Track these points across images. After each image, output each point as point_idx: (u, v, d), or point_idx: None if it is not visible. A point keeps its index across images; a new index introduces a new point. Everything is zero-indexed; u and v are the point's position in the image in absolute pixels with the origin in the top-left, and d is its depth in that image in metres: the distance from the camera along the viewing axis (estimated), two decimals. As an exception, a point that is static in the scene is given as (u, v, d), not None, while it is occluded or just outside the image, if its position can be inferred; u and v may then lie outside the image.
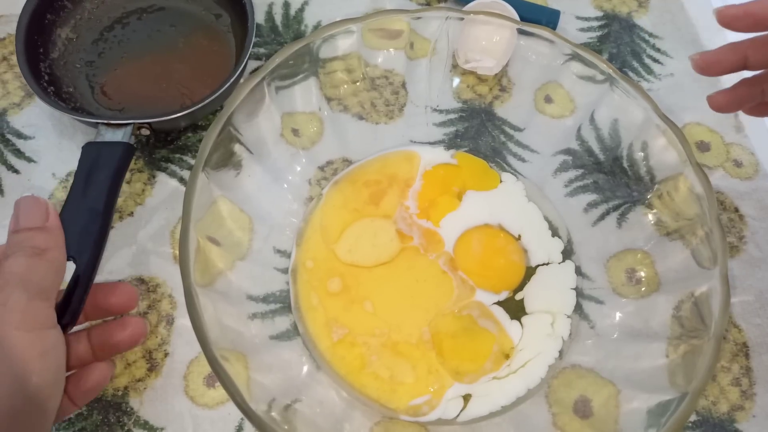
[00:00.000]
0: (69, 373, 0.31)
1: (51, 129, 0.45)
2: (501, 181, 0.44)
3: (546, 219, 0.43)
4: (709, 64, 0.35)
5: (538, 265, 0.41)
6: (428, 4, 0.53)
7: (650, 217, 0.40)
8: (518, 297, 0.39)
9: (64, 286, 0.32)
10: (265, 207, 0.40)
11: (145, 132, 0.41)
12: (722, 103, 0.37)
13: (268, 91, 0.39)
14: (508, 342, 0.38)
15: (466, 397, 0.36)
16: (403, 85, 0.46)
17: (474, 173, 0.44)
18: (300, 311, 0.39)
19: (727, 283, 0.32)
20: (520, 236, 0.42)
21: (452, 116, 0.46)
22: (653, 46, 0.52)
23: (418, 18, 0.41)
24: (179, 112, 0.41)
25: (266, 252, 0.40)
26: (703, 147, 0.47)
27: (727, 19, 0.34)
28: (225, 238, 0.37)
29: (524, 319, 0.39)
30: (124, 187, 0.43)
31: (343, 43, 0.42)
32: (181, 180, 0.44)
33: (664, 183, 0.39)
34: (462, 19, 0.42)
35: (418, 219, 0.41)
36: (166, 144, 0.45)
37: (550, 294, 0.40)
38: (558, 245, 0.42)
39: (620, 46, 0.51)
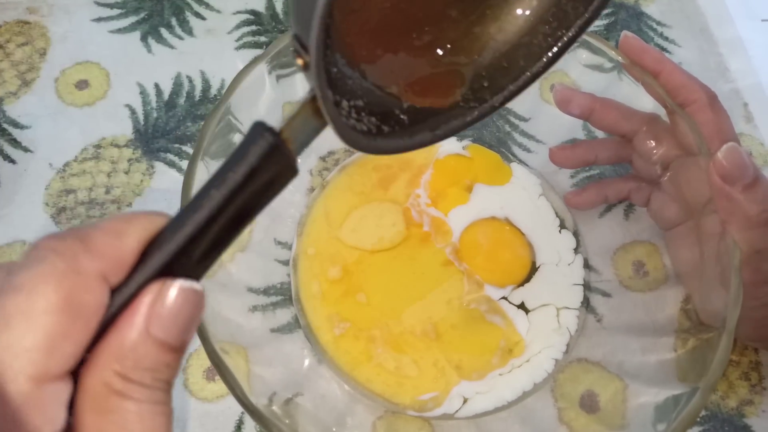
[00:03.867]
0: None
1: (47, 119, 0.44)
2: (512, 176, 0.43)
3: (554, 211, 0.42)
4: (566, 158, 0.40)
5: (546, 264, 0.40)
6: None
7: (658, 208, 0.39)
8: (517, 300, 0.39)
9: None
10: (265, 198, 0.40)
11: None
12: (574, 202, 0.41)
13: (268, 79, 0.38)
14: (515, 337, 0.37)
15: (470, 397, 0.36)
16: (407, 74, 0.45)
17: (486, 167, 0.43)
18: (301, 302, 0.38)
19: (738, 275, 0.31)
20: (527, 233, 0.41)
21: (456, 106, 0.45)
22: (661, 35, 0.51)
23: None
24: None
25: (267, 243, 0.39)
26: (712, 137, 0.46)
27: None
28: (225, 229, 0.36)
29: (531, 314, 0.38)
30: (123, 177, 0.42)
31: (345, 30, 0.41)
32: (180, 170, 0.43)
33: (673, 173, 0.38)
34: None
35: (428, 208, 0.41)
36: (165, 134, 0.44)
37: (556, 289, 0.39)
38: (568, 243, 0.41)
39: (627, 34, 0.51)
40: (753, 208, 0.30)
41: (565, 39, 0.24)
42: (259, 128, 0.16)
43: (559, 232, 0.41)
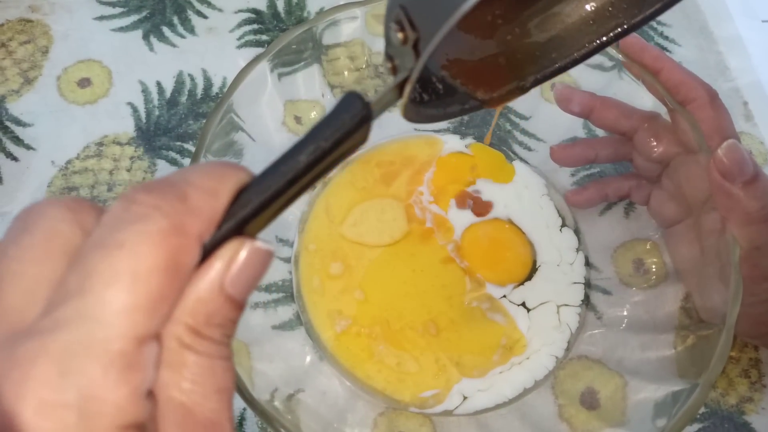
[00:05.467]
0: None
1: (49, 116, 0.45)
2: (515, 174, 0.43)
3: (556, 210, 0.42)
4: (566, 156, 0.40)
5: (547, 263, 0.40)
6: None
7: (658, 206, 0.39)
8: (517, 299, 0.39)
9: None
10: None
11: None
12: (575, 201, 0.41)
13: (270, 77, 0.38)
14: (516, 335, 0.37)
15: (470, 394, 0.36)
16: (408, 72, 0.45)
17: (488, 165, 0.43)
18: (302, 298, 0.38)
19: (738, 272, 0.32)
20: (528, 231, 0.41)
21: (457, 104, 0.45)
22: (661, 34, 0.51)
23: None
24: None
25: (268, 241, 0.39)
26: (712, 136, 0.46)
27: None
28: (226, 227, 0.36)
29: (532, 312, 0.38)
30: (125, 175, 0.43)
31: (346, 28, 0.41)
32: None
33: (673, 171, 0.38)
34: (468, 4, 0.41)
35: (430, 205, 0.41)
36: (167, 132, 0.44)
37: (557, 288, 0.39)
38: (569, 242, 0.41)
39: (628, 33, 0.51)
40: (752, 205, 0.30)
41: (596, 44, 0.24)
42: (355, 99, 0.16)
43: (560, 231, 0.41)
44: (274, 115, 0.40)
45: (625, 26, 0.23)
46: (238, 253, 0.15)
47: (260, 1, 0.50)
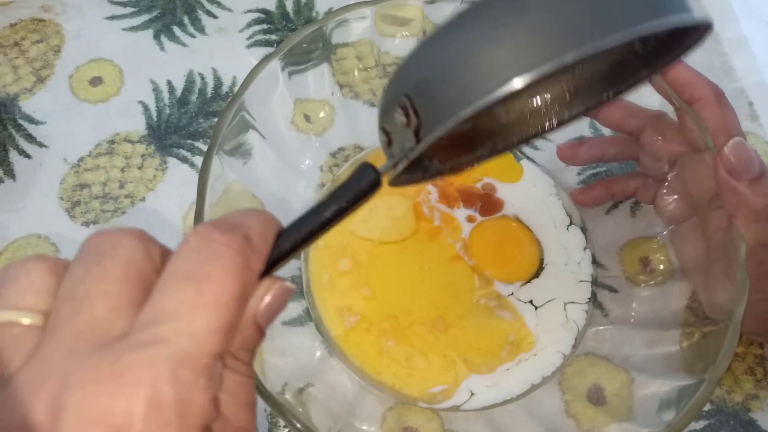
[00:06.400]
0: None
1: (61, 114, 0.45)
2: (524, 174, 0.43)
3: (564, 209, 0.42)
4: (573, 155, 0.40)
5: (555, 261, 0.40)
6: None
7: (665, 205, 0.40)
8: (525, 296, 0.39)
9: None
10: (277, 193, 0.40)
11: None
12: (581, 200, 0.42)
13: (281, 76, 0.39)
14: (524, 331, 0.38)
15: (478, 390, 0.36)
16: (415, 72, 0.45)
17: (497, 164, 0.43)
18: (311, 294, 0.38)
19: (744, 269, 0.32)
20: (536, 230, 0.41)
21: (464, 104, 0.46)
22: (667, 35, 0.51)
23: (432, 3, 0.41)
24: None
25: (278, 238, 0.40)
26: (718, 136, 0.47)
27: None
28: (238, 223, 0.37)
29: (539, 309, 0.39)
30: (136, 172, 0.43)
31: (356, 28, 0.41)
32: (193, 165, 0.44)
33: (679, 170, 0.39)
34: (476, 4, 0.41)
35: (438, 204, 0.41)
36: (177, 130, 0.45)
37: (564, 286, 0.40)
38: (577, 241, 0.41)
39: (633, 34, 0.51)
40: (759, 202, 0.30)
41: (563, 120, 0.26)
42: (369, 170, 0.20)
43: (567, 229, 0.42)
44: (284, 113, 0.41)
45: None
46: (270, 290, 0.18)
47: (269, 1, 0.51)
